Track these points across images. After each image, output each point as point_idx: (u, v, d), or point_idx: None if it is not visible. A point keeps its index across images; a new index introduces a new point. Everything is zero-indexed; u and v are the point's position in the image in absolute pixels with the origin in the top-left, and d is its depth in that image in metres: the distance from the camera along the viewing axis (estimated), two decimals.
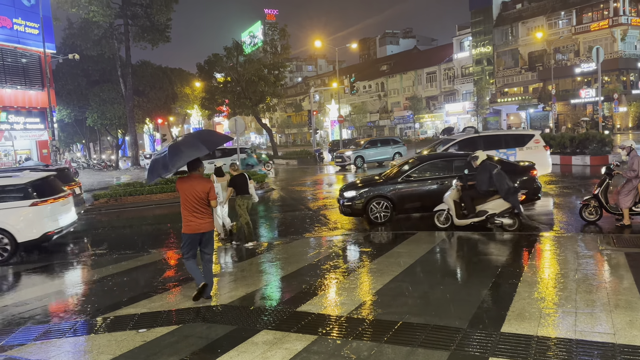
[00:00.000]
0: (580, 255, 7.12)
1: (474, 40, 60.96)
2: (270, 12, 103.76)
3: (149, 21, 33.65)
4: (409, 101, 69.28)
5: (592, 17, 49.92)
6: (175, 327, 5.42)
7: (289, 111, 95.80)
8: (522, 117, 57.04)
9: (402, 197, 10.84)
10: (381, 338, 4.68)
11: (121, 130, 47.44)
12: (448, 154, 12.28)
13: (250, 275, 7.41)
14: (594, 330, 4.51)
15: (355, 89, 43.25)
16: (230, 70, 42.12)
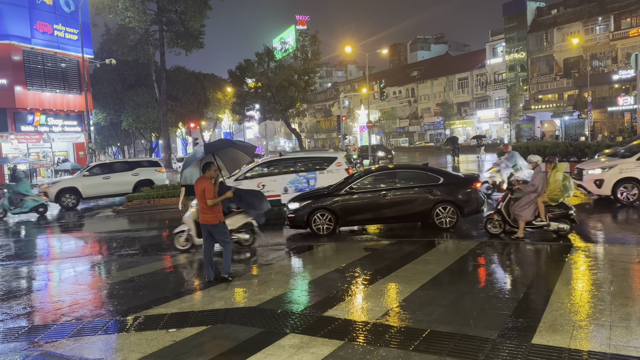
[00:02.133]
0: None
1: (508, 46, 59.99)
2: (302, 18, 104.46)
3: (183, 27, 34.35)
4: (440, 107, 68.62)
5: (631, 23, 48.51)
6: (204, 328, 5.51)
7: (318, 116, 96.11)
8: (556, 124, 55.75)
9: (345, 209, 10.70)
10: (408, 346, 4.64)
11: (155, 134, 48.45)
12: (391, 167, 12.32)
13: (278, 279, 7.45)
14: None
15: (385, 95, 43.16)
16: (261, 76, 42.58)
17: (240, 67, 44.23)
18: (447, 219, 10.50)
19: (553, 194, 8.87)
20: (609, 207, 12.54)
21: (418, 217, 10.84)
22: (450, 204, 10.51)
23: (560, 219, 9.01)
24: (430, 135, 72.69)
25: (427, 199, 10.56)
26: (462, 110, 68.48)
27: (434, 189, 10.62)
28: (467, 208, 10.56)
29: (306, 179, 13.98)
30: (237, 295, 6.70)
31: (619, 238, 9.27)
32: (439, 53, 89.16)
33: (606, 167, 12.54)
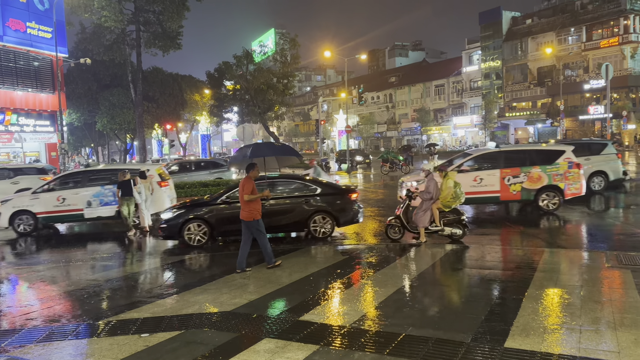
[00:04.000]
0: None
1: (483, 55, 61.08)
2: (281, 21, 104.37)
3: (160, 28, 33.92)
4: (417, 113, 69.39)
5: (602, 34, 49.95)
6: (177, 333, 5.43)
7: (297, 120, 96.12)
8: (530, 131, 56.94)
9: (221, 219, 10.42)
10: (383, 350, 4.66)
11: (130, 135, 47.74)
12: (277, 176, 12.03)
13: (255, 283, 7.41)
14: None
15: (363, 100, 43.35)
16: (239, 78, 42.37)
17: (218, 69, 43.94)
18: (322, 229, 10.60)
19: (446, 201, 9.34)
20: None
21: (295, 226, 10.91)
22: (326, 213, 10.63)
23: (454, 224, 9.54)
24: (407, 141, 73.40)
25: (303, 209, 10.62)
26: (438, 117, 69.36)
27: (310, 199, 10.72)
28: (343, 218, 10.70)
29: (112, 192, 13.14)
30: (212, 300, 6.63)
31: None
32: (416, 60, 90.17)
33: (419, 180, 12.86)
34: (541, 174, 12.48)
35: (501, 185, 12.56)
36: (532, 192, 12.52)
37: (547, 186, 12.49)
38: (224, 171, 23.58)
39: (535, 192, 12.51)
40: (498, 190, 12.62)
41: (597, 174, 15.64)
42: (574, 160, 12.63)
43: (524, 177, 12.49)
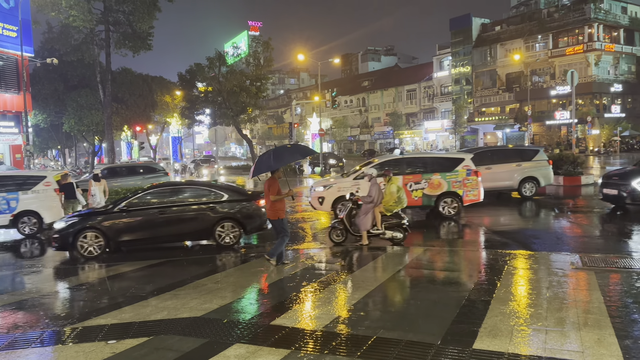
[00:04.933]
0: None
1: (454, 60, 62.12)
2: (254, 24, 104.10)
3: (130, 28, 33.31)
4: (389, 117, 70.06)
5: (568, 42, 51.44)
6: (146, 339, 5.33)
7: (270, 123, 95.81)
8: (498, 136, 58.13)
9: (117, 228, 10.11)
10: (355, 353, 4.67)
11: (98, 137, 46.71)
12: (174, 183, 12.08)
13: (225, 287, 7.33)
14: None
15: (337, 104, 43.56)
16: (211, 80, 41.94)
17: (190, 70, 43.39)
18: (229, 236, 10.39)
19: (388, 205, 9.54)
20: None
21: (199, 235, 10.66)
22: (232, 220, 10.42)
23: (395, 228, 9.74)
24: (380, 144, 73.99)
25: (208, 216, 10.36)
26: (410, 121, 70.17)
27: (216, 206, 10.47)
28: (250, 225, 10.54)
29: (6, 201, 12.55)
30: (181, 305, 6.53)
31: None
32: (388, 64, 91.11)
33: (327, 185, 13.43)
34: (441, 180, 12.95)
35: (404, 191, 12.83)
36: (432, 198, 13.02)
37: (446, 192, 12.98)
38: (160, 176, 22.27)
39: (435, 198, 13.01)
40: None
41: (529, 180, 16.18)
42: (472, 168, 13.18)
43: (425, 184, 12.96)
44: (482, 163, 16.11)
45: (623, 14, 52.92)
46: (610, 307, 5.60)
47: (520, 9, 63.73)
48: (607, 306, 5.64)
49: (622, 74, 51.90)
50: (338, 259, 9.03)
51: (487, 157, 16.68)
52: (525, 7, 63.33)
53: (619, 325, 5.07)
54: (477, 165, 15.65)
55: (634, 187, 12.07)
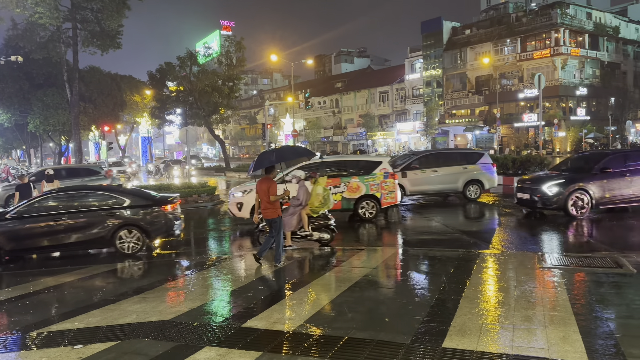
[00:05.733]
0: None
1: (425, 63, 62.94)
2: (227, 23, 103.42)
3: (99, 26, 32.59)
4: (362, 118, 70.51)
5: (535, 46, 52.73)
6: (113, 344, 5.21)
7: (243, 123, 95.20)
8: (468, 138, 59.16)
9: (6, 237, 9.68)
10: (326, 353, 4.67)
11: (65, 137, 45.60)
12: (72, 188, 11.46)
13: (196, 290, 7.24)
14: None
15: (310, 105, 43.58)
16: (183, 80, 41.47)
17: (160, 69, 42.79)
18: (130, 244, 9.95)
19: (314, 207, 9.58)
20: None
21: (98, 243, 10.16)
22: (134, 227, 9.97)
23: (322, 229, 9.80)
24: (353, 145, 74.37)
25: (107, 223, 9.90)
26: (383, 122, 70.79)
27: (116, 212, 10.03)
28: (154, 231, 10.14)
29: None
30: (151, 309, 6.42)
31: None
32: (361, 66, 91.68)
33: (245, 190, 13.08)
34: (359, 183, 13.06)
35: (330, 193, 12.93)
36: (351, 201, 13.06)
37: (365, 195, 13.06)
38: (100, 179, 21.47)
39: (354, 202, 13.06)
40: None
41: (473, 183, 16.49)
42: (389, 171, 13.32)
43: (344, 187, 13.00)
44: (429, 166, 16.54)
45: (588, 20, 54.58)
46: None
47: (490, 13, 65.14)
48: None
49: (587, 78, 53.50)
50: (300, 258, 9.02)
51: (433, 160, 17.01)
52: (495, 11, 64.78)
53: (582, 323, 5.21)
54: (423, 168, 16.36)
55: (545, 192, 12.20)
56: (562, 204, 11.96)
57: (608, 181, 12.01)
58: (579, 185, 11.95)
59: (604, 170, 12.08)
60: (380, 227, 12.85)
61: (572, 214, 11.94)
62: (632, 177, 12.10)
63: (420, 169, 16.46)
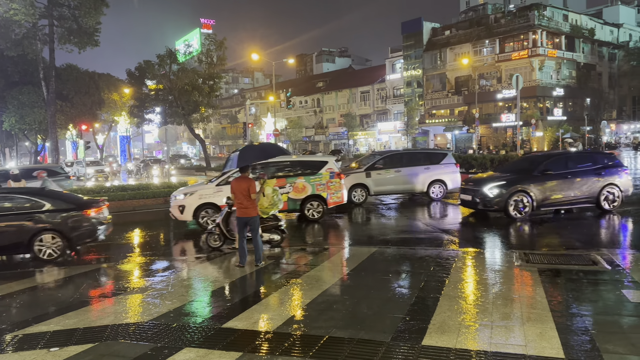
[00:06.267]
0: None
1: (405, 63, 63.36)
2: (207, 21, 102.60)
3: (76, 23, 32.02)
4: (344, 118, 70.67)
5: (514, 47, 53.51)
6: (90, 346, 5.13)
7: (224, 122, 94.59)
8: (448, 138, 59.77)
9: None
10: (307, 352, 4.67)
11: (41, 136, 44.72)
12: None
13: (176, 291, 7.17)
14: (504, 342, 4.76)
15: (292, 104, 43.51)
16: (162, 78, 41.00)
17: (139, 67, 42.24)
18: (50, 250, 9.57)
19: (264, 208, 9.48)
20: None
21: (13, 248, 9.71)
22: (53, 232, 9.56)
23: (272, 230, 9.78)
24: (334, 145, 74.49)
25: (23, 228, 9.45)
26: (364, 122, 71.07)
27: (34, 216, 9.59)
28: (76, 237, 9.76)
29: None
30: (129, 310, 6.34)
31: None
32: (343, 66, 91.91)
33: (188, 192, 12.81)
34: (305, 184, 13.01)
35: (280, 194, 12.74)
36: (297, 202, 13.01)
37: (311, 196, 13.03)
38: (61, 180, 20.65)
39: (300, 202, 13.02)
40: None
41: (437, 183, 16.61)
42: (335, 170, 13.29)
43: (290, 188, 12.93)
44: (393, 166, 16.61)
45: (564, 22, 55.60)
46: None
47: (469, 14, 65.91)
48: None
49: (564, 79, 54.50)
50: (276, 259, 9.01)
51: (397, 160, 17.06)
52: (474, 12, 65.57)
53: (559, 320, 5.31)
54: (387, 168, 16.45)
55: (485, 193, 12.17)
56: (503, 206, 11.95)
57: (549, 183, 12.05)
58: (520, 187, 11.95)
59: (545, 172, 12.13)
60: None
61: (512, 215, 11.91)
62: (573, 179, 12.20)
63: (384, 169, 16.54)
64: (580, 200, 12.38)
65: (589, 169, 12.51)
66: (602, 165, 12.65)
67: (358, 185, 16.23)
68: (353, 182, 16.12)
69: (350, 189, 15.91)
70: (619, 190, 12.48)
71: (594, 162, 12.81)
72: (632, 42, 61.34)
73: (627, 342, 4.65)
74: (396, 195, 17.94)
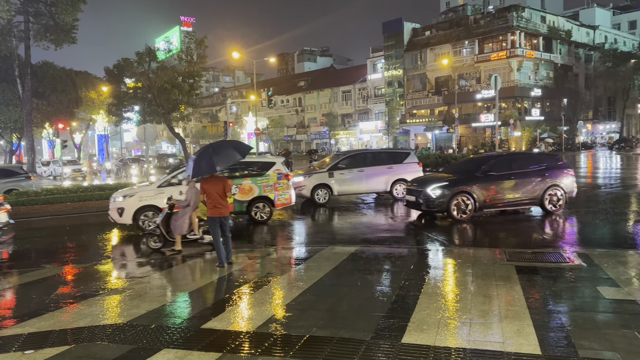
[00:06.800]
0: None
1: (386, 63, 63.71)
2: (187, 19, 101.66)
3: (53, 20, 31.46)
4: (325, 117, 70.80)
5: (492, 48, 54.24)
6: (66, 348, 5.03)
7: (205, 121, 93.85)
8: (428, 137, 60.30)
9: None
10: (288, 352, 4.66)
11: (16, 135, 43.80)
12: None
13: (154, 291, 7.08)
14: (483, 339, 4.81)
15: (273, 103, 43.29)
16: (141, 76, 40.41)
17: (118, 65, 41.52)
18: None
19: (205, 209, 9.17)
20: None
21: None
22: None
23: None
24: (316, 144, 74.55)
25: None
26: (345, 121, 71.26)
27: None
28: None
29: None
30: (107, 311, 6.23)
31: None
32: (324, 65, 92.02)
33: (127, 195, 12.40)
34: (252, 185, 12.83)
35: None
36: (244, 203, 12.76)
37: (258, 197, 12.88)
38: (21, 180, 20.20)
39: (247, 204, 12.79)
40: None
41: (400, 182, 16.57)
42: (283, 172, 13.19)
43: (236, 189, 12.61)
44: (356, 166, 16.52)
45: (542, 23, 56.56)
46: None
47: (449, 15, 66.52)
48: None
49: (542, 80, 55.44)
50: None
51: (360, 160, 16.93)
52: (454, 13, 66.22)
53: (536, 317, 5.39)
54: (350, 168, 16.38)
55: (429, 194, 12.09)
56: (445, 207, 11.93)
57: (492, 184, 12.06)
58: (462, 188, 11.97)
59: (488, 174, 12.16)
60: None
61: (454, 216, 11.92)
62: (516, 180, 12.21)
63: (347, 169, 16.43)
64: (523, 202, 12.40)
65: (533, 170, 12.53)
66: (546, 167, 12.66)
67: (321, 185, 16.21)
68: (316, 183, 16.16)
69: (312, 189, 16.08)
70: (562, 191, 12.48)
71: (537, 163, 12.86)
72: (608, 44, 62.71)
73: (601, 338, 4.74)
74: (362, 195, 17.89)
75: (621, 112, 62.31)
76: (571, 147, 54.18)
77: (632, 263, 7.61)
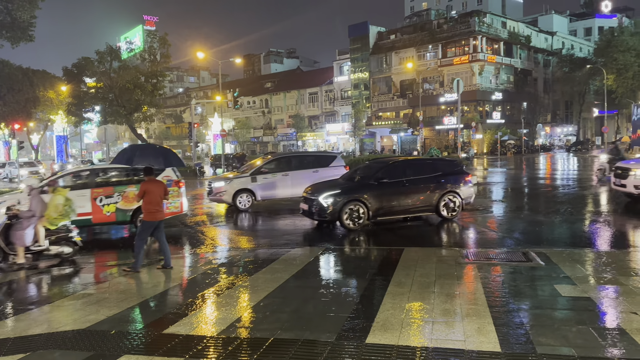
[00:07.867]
0: None
1: (353, 66, 64.23)
2: (150, 18, 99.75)
3: (9, 17, 30.31)
4: (292, 119, 70.81)
5: (455, 52, 55.43)
6: (21, 356, 4.84)
7: (169, 122, 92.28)
8: (394, 139, 61.06)
9: None
10: (252, 356, 4.61)
11: None
12: None
13: (114, 297, 6.90)
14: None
15: (239, 104, 43.14)
16: (102, 76, 39.51)
17: (78, 64, 40.50)
18: None
19: (51, 218, 8.87)
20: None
21: None
22: None
23: (62, 242, 9.10)
24: (283, 146, 74.39)
25: None
26: (312, 123, 71.41)
27: None
28: None
29: None
30: (64, 317, 6.03)
31: None
32: (291, 67, 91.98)
33: None
34: (137, 193, 12.49)
35: (93, 207, 11.71)
36: (128, 212, 11.94)
37: None
38: None
39: (131, 213, 11.92)
40: (89, 212, 11.66)
41: None
42: (173, 179, 12.30)
43: (119, 197, 11.81)
44: (280, 170, 16.17)
45: (503, 28, 58.16)
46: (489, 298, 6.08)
47: (413, 19, 67.66)
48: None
49: (502, 84, 57.00)
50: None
51: (285, 163, 16.64)
52: (418, 17, 67.38)
53: (496, 315, 5.52)
54: (274, 172, 15.99)
55: (321, 203, 11.38)
56: (337, 216, 11.28)
57: (385, 192, 11.62)
58: (355, 196, 11.38)
59: (381, 181, 11.71)
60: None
61: (347, 225, 11.29)
62: (410, 187, 11.86)
63: (270, 173, 16.00)
64: (418, 209, 12.03)
65: (428, 176, 12.18)
66: (443, 173, 12.37)
67: (243, 190, 15.63)
68: (238, 188, 15.61)
69: (235, 194, 15.51)
70: (459, 198, 12.19)
71: (434, 170, 12.49)
72: (565, 50, 65.05)
73: (558, 335, 4.89)
74: (289, 200, 16.82)
75: (578, 116, 64.75)
76: (531, 149, 55.87)
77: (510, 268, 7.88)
